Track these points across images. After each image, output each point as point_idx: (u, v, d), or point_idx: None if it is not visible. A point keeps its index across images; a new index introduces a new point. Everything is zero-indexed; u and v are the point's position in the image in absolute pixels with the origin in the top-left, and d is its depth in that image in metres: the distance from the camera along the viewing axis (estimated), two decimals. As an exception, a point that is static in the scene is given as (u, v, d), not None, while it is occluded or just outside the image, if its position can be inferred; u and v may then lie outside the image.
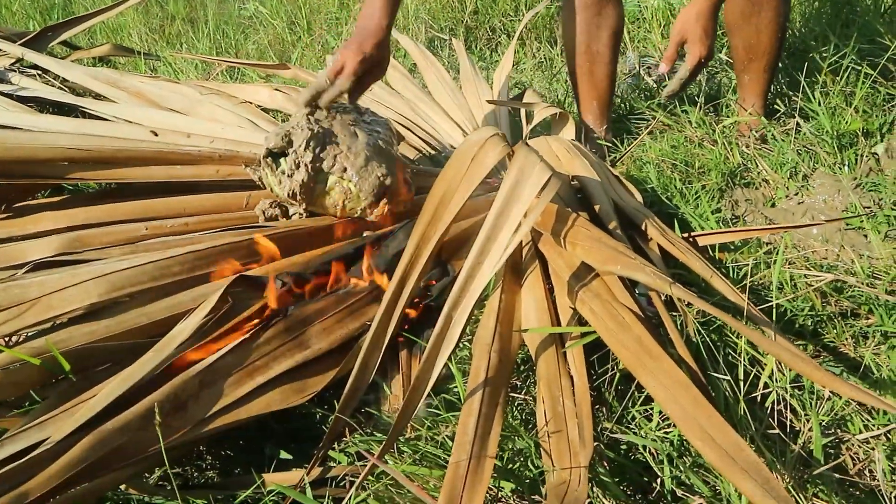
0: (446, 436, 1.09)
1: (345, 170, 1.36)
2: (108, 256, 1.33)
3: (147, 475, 1.13)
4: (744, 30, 1.78)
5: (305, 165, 1.34)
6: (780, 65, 1.90)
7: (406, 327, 1.26)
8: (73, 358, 1.09)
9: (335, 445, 1.12)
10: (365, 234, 1.37)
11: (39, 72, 2.26)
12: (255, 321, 1.18)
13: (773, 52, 1.81)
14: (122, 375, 1.02)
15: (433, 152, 1.82)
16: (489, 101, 1.88)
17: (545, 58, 2.74)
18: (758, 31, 1.76)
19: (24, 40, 2.38)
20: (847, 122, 1.73)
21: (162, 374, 1.05)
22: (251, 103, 2.00)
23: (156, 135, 1.72)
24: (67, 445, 0.93)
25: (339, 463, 1.09)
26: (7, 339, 1.18)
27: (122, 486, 1.05)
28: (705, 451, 0.86)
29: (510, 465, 1.05)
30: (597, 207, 1.38)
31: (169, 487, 1.07)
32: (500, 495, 1.02)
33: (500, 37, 2.96)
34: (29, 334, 1.18)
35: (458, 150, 1.20)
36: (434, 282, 1.31)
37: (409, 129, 1.89)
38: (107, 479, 0.95)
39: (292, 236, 1.36)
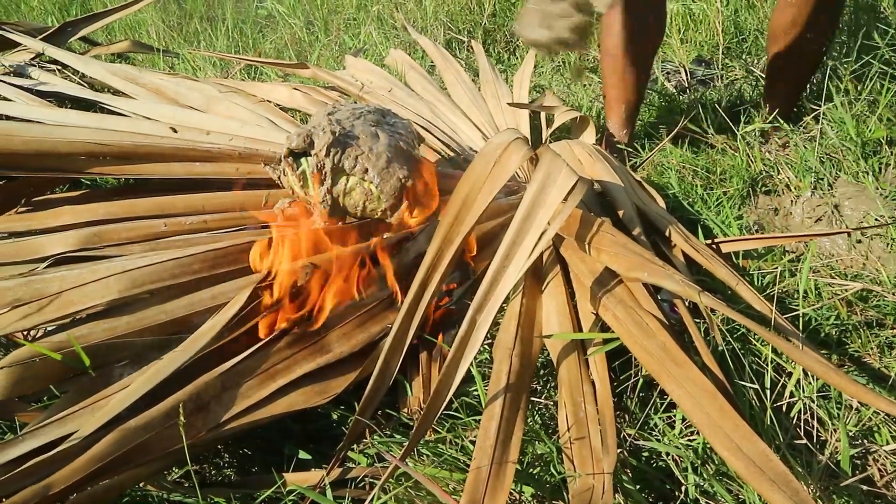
0: (468, 439, 1.08)
1: (366, 171, 1.35)
2: (129, 252, 1.32)
3: (165, 473, 1.12)
4: (788, 37, 1.77)
5: (327, 168, 1.34)
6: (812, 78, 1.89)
7: (427, 330, 1.25)
8: (93, 353, 1.09)
9: (354, 446, 1.12)
10: (385, 236, 1.36)
11: (59, 67, 2.27)
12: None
13: (812, 65, 1.80)
14: (150, 371, 1.02)
15: (452, 154, 1.80)
16: (510, 104, 1.87)
17: (563, 62, 2.73)
18: (805, 41, 1.75)
19: (44, 35, 2.38)
20: (871, 131, 1.72)
21: (185, 375, 1.05)
22: (270, 102, 1.99)
23: (175, 131, 1.71)
24: (92, 441, 0.93)
25: (359, 464, 1.08)
26: (27, 333, 1.18)
27: (141, 484, 1.04)
28: (732, 460, 0.85)
29: (531, 470, 1.04)
30: (620, 212, 1.37)
31: (188, 485, 1.07)
32: (521, 500, 1.01)
33: (518, 40, 2.95)
34: (49, 329, 1.18)
35: (481, 152, 1.19)
36: (455, 285, 1.30)
37: (428, 130, 1.88)
38: (129, 476, 0.95)
39: (312, 236, 1.35)
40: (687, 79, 2.43)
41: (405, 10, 3.16)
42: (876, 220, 1.49)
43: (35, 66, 2.26)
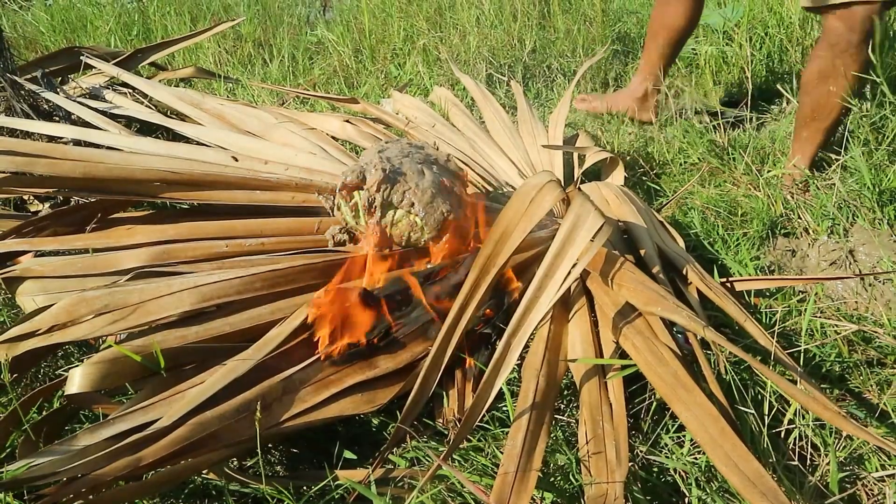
0: (496, 447, 1.21)
1: (412, 205, 1.49)
2: (196, 270, 1.48)
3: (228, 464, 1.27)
4: (817, 90, 1.89)
5: (377, 202, 1.48)
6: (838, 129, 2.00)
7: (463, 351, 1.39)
8: (167, 357, 1.24)
9: (395, 450, 1.26)
10: (430, 266, 1.49)
11: (129, 90, 2.46)
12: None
13: (836, 116, 1.91)
14: (224, 369, 1.18)
15: (490, 189, 1.94)
16: (544, 146, 2.01)
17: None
18: (829, 94, 1.86)
19: (116, 60, 2.57)
20: (889, 179, 1.82)
21: (248, 378, 1.20)
22: (322, 131, 2.15)
23: (236, 160, 1.87)
24: (173, 427, 1.09)
25: (398, 466, 1.22)
26: (105, 338, 1.33)
27: (204, 472, 1.19)
28: (729, 475, 0.97)
29: (552, 479, 1.17)
30: (642, 251, 1.50)
31: (254, 470, 1.21)
32: (542, 505, 1.14)
33: (556, 76, 3.09)
34: (124, 336, 1.33)
35: (518, 192, 1.33)
36: (491, 312, 1.43)
37: (467, 165, 2.02)
38: (203, 459, 1.12)
39: (360, 261, 1.50)
40: (716, 120, 2.54)
41: (450, 43, 3.32)
42: (892, 265, 1.60)
43: (108, 88, 2.45)
